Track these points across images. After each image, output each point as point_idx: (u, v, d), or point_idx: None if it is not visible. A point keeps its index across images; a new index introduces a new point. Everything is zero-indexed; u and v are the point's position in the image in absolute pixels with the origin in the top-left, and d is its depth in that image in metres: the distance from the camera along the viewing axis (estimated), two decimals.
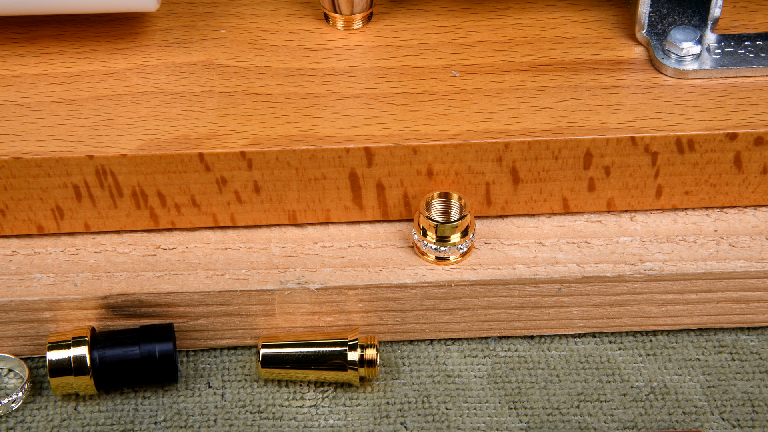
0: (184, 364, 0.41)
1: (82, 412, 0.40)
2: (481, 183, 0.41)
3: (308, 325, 0.41)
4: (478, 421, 0.40)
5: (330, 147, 0.40)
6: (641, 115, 0.40)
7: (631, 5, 0.43)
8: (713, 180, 0.41)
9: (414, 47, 0.43)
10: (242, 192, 0.41)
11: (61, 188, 0.40)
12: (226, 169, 0.40)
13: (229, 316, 0.41)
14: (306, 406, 0.40)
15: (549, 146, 0.40)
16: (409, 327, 0.42)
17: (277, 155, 0.40)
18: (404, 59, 0.43)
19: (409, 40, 0.43)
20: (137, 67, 0.42)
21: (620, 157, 0.40)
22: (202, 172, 0.40)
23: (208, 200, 0.41)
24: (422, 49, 0.43)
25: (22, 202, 0.40)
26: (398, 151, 0.40)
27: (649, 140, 0.40)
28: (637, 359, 0.41)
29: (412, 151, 0.40)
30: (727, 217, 0.42)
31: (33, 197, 0.40)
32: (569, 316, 0.41)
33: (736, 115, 0.40)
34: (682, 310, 0.42)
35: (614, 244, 0.41)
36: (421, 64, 0.42)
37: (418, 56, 0.43)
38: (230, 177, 0.40)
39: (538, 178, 0.41)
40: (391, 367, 0.41)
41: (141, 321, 0.41)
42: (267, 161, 0.40)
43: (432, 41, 0.43)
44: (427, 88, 0.42)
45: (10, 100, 0.41)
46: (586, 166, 0.41)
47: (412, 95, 0.41)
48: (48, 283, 0.40)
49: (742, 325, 0.42)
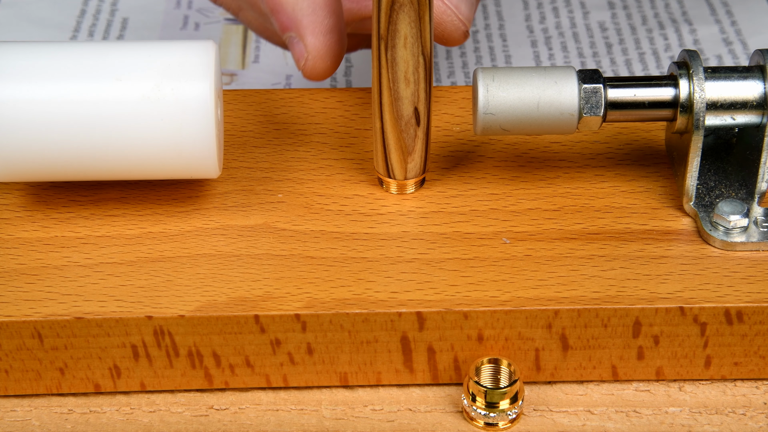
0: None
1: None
2: (531, 349, 0.42)
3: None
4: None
5: (382, 311, 0.40)
6: (690, 286, 0.41)
7: (679, 177, 0.44)
8: (762, 352, 0.41)
9: (465, 213, 0.44)
10: (295, 353, 0.41)
11: (119, 348, 0.41)
12: (280, 331, 0.41)
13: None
14: None
15: (598, 314, 0.41)
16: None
17: (331, 318, 0.41)
18: (456, 225, 0.44)
19: (461, 206, 0.44)
20: (196, 229, 0.43)
21: (669, 326, 0.41)
22: (257, 334, 0.41)
23: (262, 361, 0.41)
24: (473, 215, 0.44)
25: (81, 361, 0.41)
26: (449, 316, 0.41)
27: (698, 311, 0.40)
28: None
29: (463, 316, 0.41)
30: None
31: (92, 356, 0.41)
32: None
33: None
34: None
35: (663, 415, 0.41)
36: (472, 230, 0.43)
37: (469, 222, 0.44)
38: (284, 339, 0.41)
39: (587, 346, 0.41)
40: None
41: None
42: (321, 324, 0.41)
43: (483, 208, 0.44)
44: (478, 254, 0.42)
45: (74, 261, 0.42)
46: (635, 334, 0.41)
47: (463, 261, 0.42)
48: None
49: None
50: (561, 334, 0.41)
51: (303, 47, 0.43)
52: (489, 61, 0.62)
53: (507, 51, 0.63)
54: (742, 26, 0.64)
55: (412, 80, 0.41)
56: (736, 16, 0.65)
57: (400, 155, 0.44)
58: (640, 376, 0.42)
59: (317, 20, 0.43)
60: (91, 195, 0.45)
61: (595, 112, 0.42)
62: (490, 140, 0.47)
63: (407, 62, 0.41)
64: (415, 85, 0.42)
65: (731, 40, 0.63)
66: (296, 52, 0.44)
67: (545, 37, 0.64)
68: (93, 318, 0.40)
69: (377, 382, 0.42)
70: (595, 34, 0.64)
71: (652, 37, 0.63)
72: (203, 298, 0.41)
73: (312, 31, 0.43)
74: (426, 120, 0.43)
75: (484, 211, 0.44)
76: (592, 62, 0.62)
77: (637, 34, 0.64)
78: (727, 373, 0.42)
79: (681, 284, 0.41)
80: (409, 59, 0.41)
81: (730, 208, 0.42)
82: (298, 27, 0.43)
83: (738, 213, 0.42)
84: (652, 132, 0.48)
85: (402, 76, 0.41)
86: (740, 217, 0.42)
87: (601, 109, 0.42)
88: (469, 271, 0.42)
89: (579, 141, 0.47)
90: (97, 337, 0.40)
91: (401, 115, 0.42)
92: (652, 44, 0.63)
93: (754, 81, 0.42)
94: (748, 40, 0.63)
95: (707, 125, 0.42)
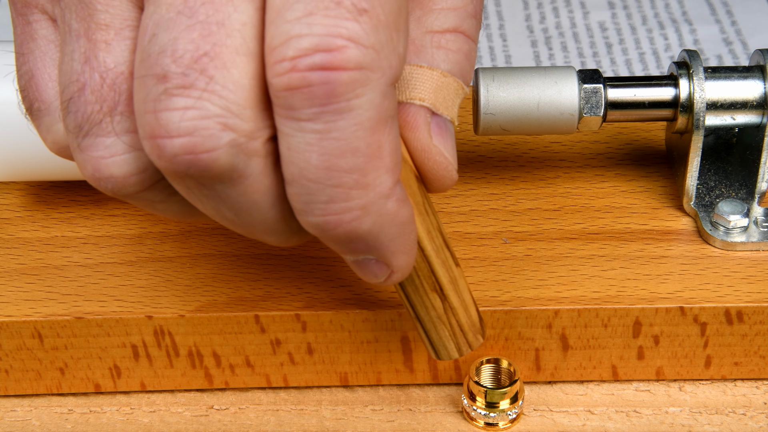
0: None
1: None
2: (531, 349, 0.42)
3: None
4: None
5: (383, 310, 0.40)
6: (690, 286, 0.41)
7: (679, 177, 0.44)
8: (762, 351, 0.41)
9: (465, 213, 0.44)
10: (295, 353, 0.41)
11: (119, 348, 0.41)
12: (280, 331, 0.41)
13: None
14: None
15: (598, 314, 0.41)
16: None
17: (331, 318, 0.41)
18: (456, 225, 0.44)
19: (461, 206, 0.44)
20: (197, 229, 0.43)
21: (669, 326, 0.41)
22: (257, 334, 0.41)
23: (262, 361, 0.42)
24: (473, 215, 0.44)
25: (81, 361, 0.41)
26: None
27: (698, 311, 0.40)
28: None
29: None
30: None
31: (92, 356, 0.41)
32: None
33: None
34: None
35: (663, 414, 0.41)
36: (472, 230, 0.43)
37: (469, 222, 0.44)
38: (284, 338, 0.41)
39: (587, 346, 0.41)
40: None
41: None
42: (321, 324, 0.41)
43: (483, 208, 0.44)
44: (477, 254, 0.42)
45: (74, 261, 0.42)
46: (635, 334, 0.41)
47: (463, 261, 0.42)
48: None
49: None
50: (561, 334, 0.41)
51: (384, 265, 0.35)
52: (489, 61, 0.62)
53: (507, 51, 0.63)
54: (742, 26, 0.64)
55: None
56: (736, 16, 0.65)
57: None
58: (640, 376, 0.42)
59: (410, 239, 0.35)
60: (92, 195, 0.45)
61: (595, 112, 0.42)
62: (490, 140, 0.47)
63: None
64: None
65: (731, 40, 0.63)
66: (371, 271, 0.36)
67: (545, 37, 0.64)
68: (93, 318, 0.40)
69: (377, 382, 0.42)
70: (595, 34, 0.64)
71: (652, 37, 0.63)
72: (203, 298, 0.41)
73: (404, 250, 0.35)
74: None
75: (484, 211, 0.44)
76: (592, 62, 0.62)
77: (637, 34, 0.64)
78: (727, 373, 0.42)
79: (681, 284, 0.41)
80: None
81: (730, 208, 0.42)
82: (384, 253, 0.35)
83: (738, 213, 0.42)
84: (652, 132, 0.48)
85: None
86: (740, 217, 0.42)
87: (601, 109, 0.42)
88: (469, 271, 0.42)
89: (579, 141, 0.47)
90: (98, 337, 0.40)
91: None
92: (652, 44, 0.63)
93: (754, 81, 0.42)
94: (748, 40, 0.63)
95: (707, 125, 0.42)
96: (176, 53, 0.30)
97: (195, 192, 0.33)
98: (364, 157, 0.32)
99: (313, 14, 0.30)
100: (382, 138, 0.32)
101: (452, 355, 0.38)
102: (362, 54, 0.30)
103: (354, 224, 0.33)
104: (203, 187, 0.32)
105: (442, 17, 0.36)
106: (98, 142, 0.33)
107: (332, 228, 0.33)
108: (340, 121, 0.31)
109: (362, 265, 0.35)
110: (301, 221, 0.33)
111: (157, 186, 0.34)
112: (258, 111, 0.31)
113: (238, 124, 0.31)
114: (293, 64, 0.30)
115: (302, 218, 0.33)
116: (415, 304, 0.37)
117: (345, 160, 0.31)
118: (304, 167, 0.31)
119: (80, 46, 0.33)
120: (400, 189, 0.33)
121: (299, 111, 0.31)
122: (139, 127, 0.32)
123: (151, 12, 0.31)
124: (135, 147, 0.33)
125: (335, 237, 0.33)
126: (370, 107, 0.31)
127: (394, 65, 0.31)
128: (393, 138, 0.32)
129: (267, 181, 0.33)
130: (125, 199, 0.34)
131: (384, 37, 0.31)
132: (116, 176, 0.33)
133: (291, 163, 0.32)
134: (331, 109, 0.31)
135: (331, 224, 0.32)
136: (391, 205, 0.33)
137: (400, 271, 0.35)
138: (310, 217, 0.33)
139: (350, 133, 0.31)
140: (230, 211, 0.33)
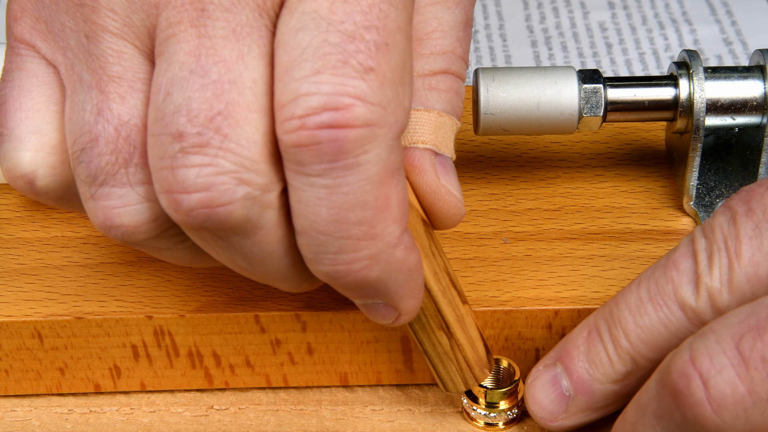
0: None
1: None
2: (531, 349, 0.42)
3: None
4: None
5: None
6: None
7: (679, 177, 0.44)
8: None
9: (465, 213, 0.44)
10: (295, 353, 0.41)
11: (119, 348, 0.41)
12: (280, 331, 0.41)
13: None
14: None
15: None
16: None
17: (331, 318, 0.41)
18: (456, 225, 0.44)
19: None
20: None
21: None
22: (257, 334, 0.41)
23: (262, 361, 0.42)
24: (473, 215, 0.44)
25: (81, 361, 0.41)
26: None
27: None
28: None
29: None
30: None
31: (92, 356, 0.41)
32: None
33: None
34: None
35: None
36: (471, 230, 0.43)
37: (468, 222, 0.44)
38: (284, 338, 0.41)
39: None
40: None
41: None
42: (321, 324, 0.41)
43: (483, 208, 0.44)
44: (477, 254, 0.42)
45: (74, 261, 0.42)
46: None
47: (462, 261, 0.42)
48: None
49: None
50: (561, 334, 0.41)
51: (393, 309, 0.36)
52: (489, 61, 0.62)
53: (507, 51, 0.63)
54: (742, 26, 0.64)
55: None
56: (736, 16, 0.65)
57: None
58: None
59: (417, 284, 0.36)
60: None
61: (595, 112, 0.42)
62: (490, 140, 0.48)
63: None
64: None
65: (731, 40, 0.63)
66: (380, 314, 0.37)
67: (545, 37, 0.64)
68: (93, 318, 0.40)
69: (377, 381, 0.42)
70: (595, 34, 0.64)
71: (652, 37, 0.63)
72: (203, 298, 0.41)
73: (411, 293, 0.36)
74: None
75: (484, 211, 0.44)
76: (592, 62, 0.62)
77: (637, 34, 0.64)
78: None
79: None
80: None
81: None
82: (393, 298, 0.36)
83: None
84: (652, 132, 0.48)
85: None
86: None
87: (601, 109, 0.42)
88: (468, 271, 0.42)
89: (579, 141, 0.47)
90: (97, 337, 0.40)
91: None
92: (652, 44, 0.63)
93: (754, 81, 0.42)
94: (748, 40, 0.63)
95: (707, 125, 0.42)
96: (191, 113, 0.31)
97: (210, 243, 0.33)
98: (372, 210, 0.32)
99: (320, 73, 0.31)
100: (389, 190, 0.32)
101: (459, 389, 0.39)
102: (369, 111, 0.31)
103: (363, 273, 0.33)
104: (218, 238, 0.33)
105: (432, 61, 0.37)
106: (112, 193, 0.33)
107: (342, 277, 0.33)
108: (349, 176, 0.31)
109: (371, 309, 0.36)
110: (312, 270, 0.34)
111: (165, 234, 0.34)
112: (271, 165, 0.32)
113: (253, 179, 0.32)
114: (302, 122, 0.31)
115: (313, 267, 0.34)
116: (423, 340, 0.38)
117: (354, 213, 0.32)
118: (315, 220, 0.32)
119: (92, 98, 0.33)
120: (408, 237, 0.34)
121: (309, 167, 0.31)
122: (155, 182, 0.32)
123: (164, 69, 0.32)
124: (148, 198, 0.33)
125: (345, 285, 0.34)
126: (377, 162, 0.32)
127: (400, 119, 0.32)
128: (400, 189, 0.33)
129: (280, 232, 0.33)
130: (133, 246, 0.34)
131: (390, 93, 0.31)
132: (127, 225, 0.34)
133: (301, 216, 0.32)
134: (340, 165, 0.31)
135: (341, 273, 0.33)
136: (399, 254, 0.34)
137: (408, 314, 0.36)
138: (320, 267, 0.33)
139: (359, 187, 0.32)
140: (244, 260, 0.34)
